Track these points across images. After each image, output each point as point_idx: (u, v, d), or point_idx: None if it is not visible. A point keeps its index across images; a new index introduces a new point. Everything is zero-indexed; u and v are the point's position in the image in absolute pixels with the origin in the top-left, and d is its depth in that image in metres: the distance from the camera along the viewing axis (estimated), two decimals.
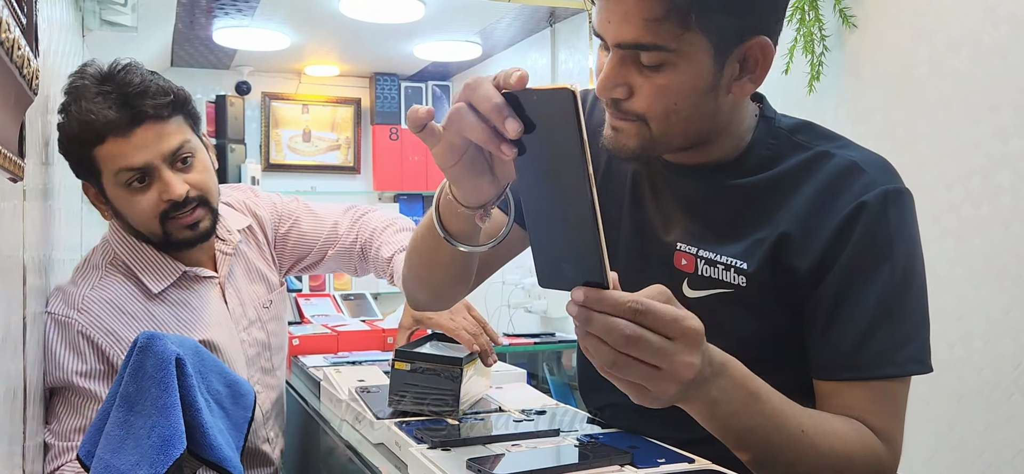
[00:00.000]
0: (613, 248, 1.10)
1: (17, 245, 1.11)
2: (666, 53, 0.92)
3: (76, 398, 1.30)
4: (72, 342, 1.30)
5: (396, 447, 1.12)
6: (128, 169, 1.30)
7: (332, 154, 4.63)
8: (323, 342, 2.01)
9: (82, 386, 1.29)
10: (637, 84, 0.95)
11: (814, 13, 1.86)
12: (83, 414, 1.30)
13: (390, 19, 3.30)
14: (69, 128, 1.30)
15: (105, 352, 1.31)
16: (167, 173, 1.32)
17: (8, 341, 1.04)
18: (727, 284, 1.02)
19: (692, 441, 1.01)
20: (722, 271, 1.03)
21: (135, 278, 1.38)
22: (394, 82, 4.58)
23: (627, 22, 0.92)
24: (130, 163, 1.30)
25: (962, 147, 1.58)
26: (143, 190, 1.32)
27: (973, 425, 1.56)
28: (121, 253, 1.39)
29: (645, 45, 0.91)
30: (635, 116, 0.97)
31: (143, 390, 1.09)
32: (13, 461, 1.09)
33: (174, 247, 1.39)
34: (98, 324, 1.31)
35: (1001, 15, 1.51)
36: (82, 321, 1.31)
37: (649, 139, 0.98)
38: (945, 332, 1.62)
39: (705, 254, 1.03)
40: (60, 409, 1.31)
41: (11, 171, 0.84)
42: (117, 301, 1.35)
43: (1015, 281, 1.49)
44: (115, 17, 2.20)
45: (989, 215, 1.53)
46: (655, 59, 0.92)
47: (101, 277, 1.37)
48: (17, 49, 0.77)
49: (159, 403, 1.08)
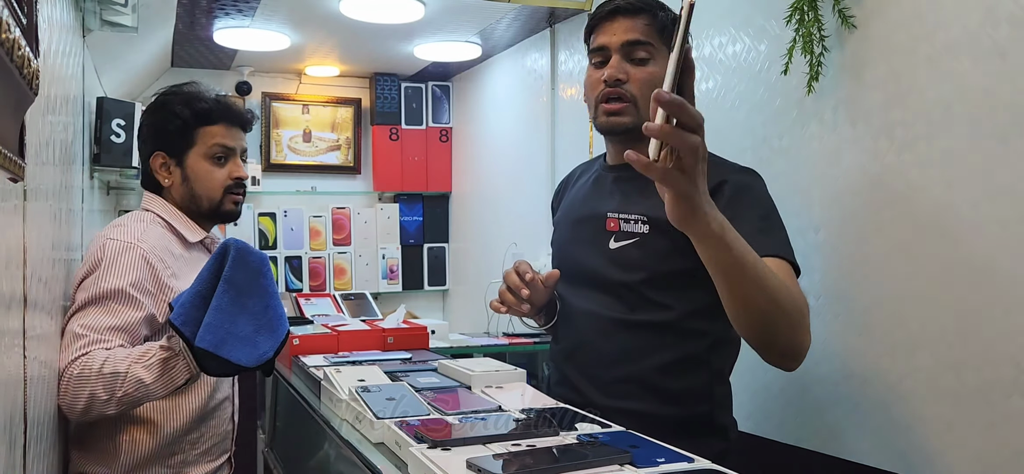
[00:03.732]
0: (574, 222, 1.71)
1: (17, 245, 1.11)
2: (652, 48, 1.56)
3: (118, 305, 1.62)
4: (133, 259, 1.67)
5: (396, 447, 1.12)
6: (222, 146, 1.86)
7: (332, 154, 4.63)
8: (323, 342, 2.01)
9: (132, 294, 1.63)
10: (631, 73, 1.56)
11: (813, 13, 1.86)
12: (119, 317, 1.61)
13: (390, 19, 3.30)
14: (180, 110, 1.83)
15: (158, 274, 1.70)
16: (239, 160, 1.90)
17: (9, 341, 1.04)
18: (636, 234, 1.56)
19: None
20: (632, 224, 1.57)
21: (173, 231, 1.83)
22: (394, 82, 4.58)
23: (630, 31, 1.57)
24: (226, 143, 1.87)
25: (962, 147, 1.58)
26: (220, 166, 1.87)
27: (973, 425, 1.56)
28: (161, 214, 1.83)
29: (643, 41, 1.56)
30: (630, 97, 1.55)
31: (251, 279, 1.49)
32: (15, 447, 1.09)
33: (219, 216, 1.89)
34: (155, 252, 1.72)
35: (1001, 15, 1.51)
36: (144, 246, 1.70)
37: (636, 117, 1.54)
38: (945, 332, 1.62)
39: (623, 216, 1.59)
40: (96, 311, 1.60)
41: (11, 171, 0.84)
42: (163, 242, 1.77)
43: (1015, 281, 1.49)
44: (115, 17, 2.20)
45: (989, 215, 1.53)
46: (645, 53, 1.56)
47: (146, 227, 1.77)
48: (17, 49, 0.77)
49: (269, 289, 1.51)
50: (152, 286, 1.69)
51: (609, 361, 1.59)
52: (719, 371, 1.62)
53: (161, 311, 1.69)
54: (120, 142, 2.66)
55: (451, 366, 1.56)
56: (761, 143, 2.08)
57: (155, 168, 1.86)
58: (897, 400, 1.72)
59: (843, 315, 1.85)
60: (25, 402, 1.17)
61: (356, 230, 4.62)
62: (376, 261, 4.65)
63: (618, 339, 1.58)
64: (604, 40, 1.59)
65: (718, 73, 2.26)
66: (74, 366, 1.52)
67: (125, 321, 1.62)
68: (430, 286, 4.75)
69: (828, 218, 1.89)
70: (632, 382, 1.57)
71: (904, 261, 1.70)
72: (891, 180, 1.73)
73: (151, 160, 1.86)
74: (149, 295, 1.67)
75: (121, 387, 1.50)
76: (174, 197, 1.86)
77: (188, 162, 1.85)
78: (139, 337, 1.64)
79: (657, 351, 1.56)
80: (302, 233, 4.51)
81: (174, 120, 1.83)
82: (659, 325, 1.56)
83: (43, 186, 1.38)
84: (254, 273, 1.50)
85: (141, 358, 1.52)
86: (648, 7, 1.57)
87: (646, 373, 1.56)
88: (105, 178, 3.15)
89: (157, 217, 1.83)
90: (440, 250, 4.78)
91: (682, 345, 1.56)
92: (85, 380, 1.50)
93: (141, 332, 1.65)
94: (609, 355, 1.59)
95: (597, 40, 1.61)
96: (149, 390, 1.51)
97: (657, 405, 1.55)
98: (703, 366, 1.58)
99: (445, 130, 4.70)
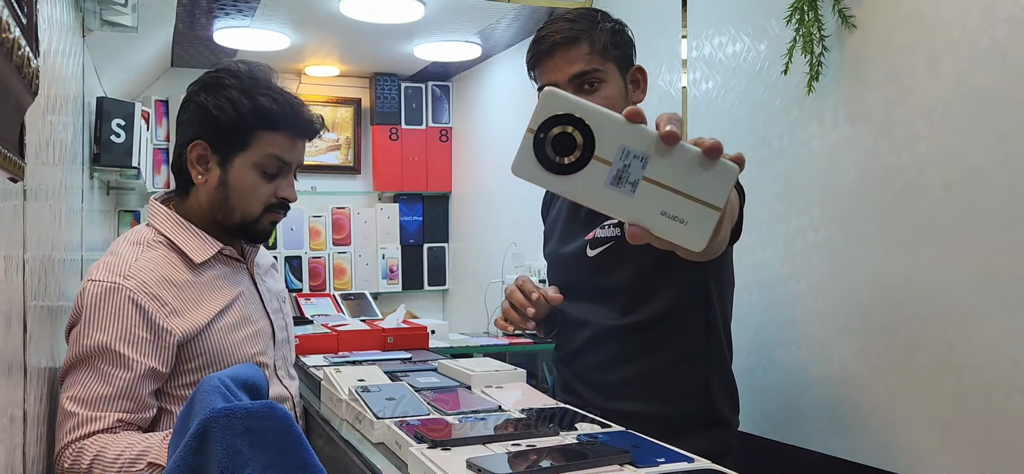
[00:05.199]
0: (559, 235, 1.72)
1: (17, 245, 1.11)
2: (601, 74, 1.52)
3: (107, 366, 1.35)
4: (118, 306, 1.37)
5: (396, 447, 1.12)
6: (279, 159, 1.52)
7: (332, 154, 4.63)
8: (323, 342, 2.01)
9: (120, 352, 1.35)
10: None
11: (813, 13, 1.86)
12: (111, 383, 1.35)
13: (390, 19, 3.31)
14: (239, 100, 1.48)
15: (150, 317, 1.39)
16: (292, 177, 1.58)
17: (10, 340, 1.04)
18: (610, 238, 1.55)
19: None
20: (606, 229, 1.55)
21: (178, 251, 1.48)
22: (394, 82, 4.58)
23: (574, 63, 1.52)
24: (283, 156, 1.52)
25: (962, 147, 1.58)
26: (267, 181, 1.52)
27: (973, 425, 1.56)
28: (166, 230, 1.50)
29: (589, 71, 1.52)
30: None
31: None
32: (15, 444, 1.09)
33: (249, 234, 1.56)
34: (147, 288, 1.40)
35: (1000, 15, 1.51)
36: (129, 286, 1.38)
37: None
38: (945, 332, 1.62)
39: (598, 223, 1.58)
40: (85, 375, 1.35)
41: (11, 171, 0.84)
42: (161, 271, 1.44)
43: (1015, 281, 1.49)
44: (115, 17, 2.20)
45: (989, 215, 1.53)
46: (595, 79, 1.53)
47: (143, 250, 1.46)
48: (17, 49, 0.77)
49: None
50: (147, 333, 1.38)
51: (605, 367, 1.60)
52: (718, 361, 1.61)
53: (163, 360, 1.40)
54: (120, 142, 2.66)
55: (451, 366, 1.56)
56: (761, 143, 2.08)
57: (191, 158, 1.51)
58: (897, 400, 1.72)
59: (843, 315, 1.85)
60: (25, 401, 1.17)
61: (356, 230, 4.62)
62: (376, 261, 4.65)
63: (612, 345, 1.59)
64: (550, 78, 1.53)
65: (718, 73, 2.26)
66: (65, 456, 1.33)
67: (118, 387, 1.35)
68: (430, 286, 4.75)
69: (828, 218, 1.89)
70: (630, 385, 1.58)
71: (904, 261, 1.70)
72: (891, 180, 1.73)
73: (189, 148, 1.50)
74: (144, 345, 1.38)
75: None
76: (199, 199, 1.53)
77: (233, 167, 1.50)
78: (141, 398, 1.38)
79: (652, 352, 1.57)
80: (302, 233, 4.51)
81: (230, 111, 1.48)
82: (651, 323, 1.56)
83: (43, 186, 1.38)
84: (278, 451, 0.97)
85: (130, 468, 1.29)
86: (584, 31, 1.52)
87: (643, 375, 1.57)
88: (105, 178, 3.16)
89: (159, 235, 1.50)
90: (440, 250, 4.78)
91: (676, 341, 1.56)
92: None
93: (143, 391, 1.38)
94: (605, 361, 1.60)
95: (543, 78, 1.56)
96: None
97: (657, 405, 1.55)
98: (699, 360, 1.58)
99: (445, 130, 4.70)
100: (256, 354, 1.52)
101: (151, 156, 3.81)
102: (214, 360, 1.48)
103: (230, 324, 1.49)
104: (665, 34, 2.49)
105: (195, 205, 1.54)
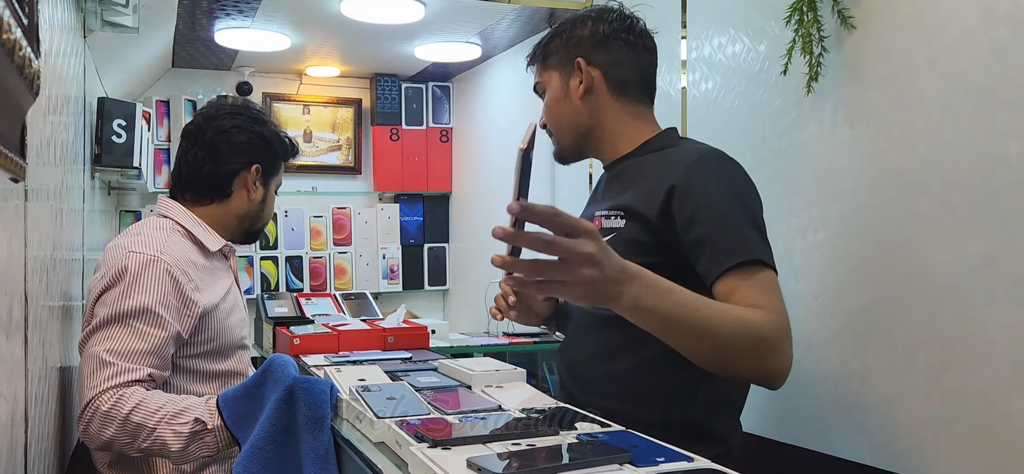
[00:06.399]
0: None
1: (19, 245, 1.11)
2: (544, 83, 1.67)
3: (144, 325, 1.56)
4: (158, 274, 1.60)
5: (396, 446, 1.13)
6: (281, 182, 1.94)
7: (333, 155, 4.63)
8: (324, 341, 2.02)
9: (158, 313, 1.58)
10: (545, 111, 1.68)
11: (812, 13, 1.86)
12: (145, 340, 1.56)
13: (390, 20, 3.31)
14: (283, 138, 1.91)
15: (182, 289, 1.63)
16: None
17: (11, 339, 1.04)
18: (613, 229, 1.52)
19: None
20: (611, 220, 1.54)
21: (193, 240, 1.75)
22: (394, 83, 4.59)
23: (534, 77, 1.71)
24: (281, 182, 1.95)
25: (961, 147, 1.58)
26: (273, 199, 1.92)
27: (972, 425, 1.57)
28: (182, 221, 1.76)
29: (537, 83, 1.71)
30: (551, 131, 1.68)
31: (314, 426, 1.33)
32: (16, 444, 1.09)
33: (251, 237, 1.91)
34: (179, 264, 1.65)
35: (1000, 16, 1.51)
36: (167, 260, 1.62)
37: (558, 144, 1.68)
38: (944, 332, 1.62)
39: (605, 213, 1.56)
40: (120, 332, 1.55)
41: (12, 171, 0.85)
42: (186, 253, 1.70)
43: (1014, 281, 1.49)
44: (116, 18, 2.21)
45: (989, 215, 1.53)
46: (541, 88, 1.69)
47: (167, 237, 1.69)
48: (19, 50, 0.77)
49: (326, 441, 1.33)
50: (177, 301, 1.62)
51: (589, 358, 1.58)
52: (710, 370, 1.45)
53: (186, 327, 1.63)
54: (121, 142, 2.67)
55: (451, 366, 1.56)
56: (760, 143, 2.09)
57: (247, 177, 1.82)
58: (897, 400, 1.72)
59: (842, 315, 1.85)
60: (26, 401, 1.18)
61: (357, 230, 4.62)
62: (377, 261, 4.65)
63: (599, 335, 1.56)
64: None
65: (717, 73, 2.27)
66: (103, 400, 1.47)
67: (152, 344, 1.56)
68: (430, 286, 4.75)
69: (827, 218, 1.90)
70: (611, 379, 1.53)
71: (904, 261, 1.70)
72: (890, 180, 1.73)
73: (248, 170, 1.82)
74: (174, 311, 1.61)
75: (145, 441, 1.48)
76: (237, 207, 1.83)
77: (270, 187, 1.88)
78: (166, 358, 1.60)
79: (636, 347, 1.45)
80: (303, 233, 4.51)
81: (280, 143, 1.89)
82: None
83: (44, 186, 1.39)
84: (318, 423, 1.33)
85: (173, 419, 1.47)
86: (538, 48, 1.71)
87: (623, 370, 1.51)
88: (106, 178, 3.16)
89: (177, 225, 1.75)
90: (440, 250, 4.79)
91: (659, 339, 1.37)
92: (110, 420, 1.47)
93: (168, 352, 1.60)
94: (590, 352, 1.59)
95: None
96: (171, 455, 1.49)
97: (632, 405, 1.44)
98: (686, 363, 1.37)
99: (445, 130, 4.71)
100: (243, 337, 1.83)
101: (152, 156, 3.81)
102: (215, 337, 1.71)
103: (227, 308, 1.76)
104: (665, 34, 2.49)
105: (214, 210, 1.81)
